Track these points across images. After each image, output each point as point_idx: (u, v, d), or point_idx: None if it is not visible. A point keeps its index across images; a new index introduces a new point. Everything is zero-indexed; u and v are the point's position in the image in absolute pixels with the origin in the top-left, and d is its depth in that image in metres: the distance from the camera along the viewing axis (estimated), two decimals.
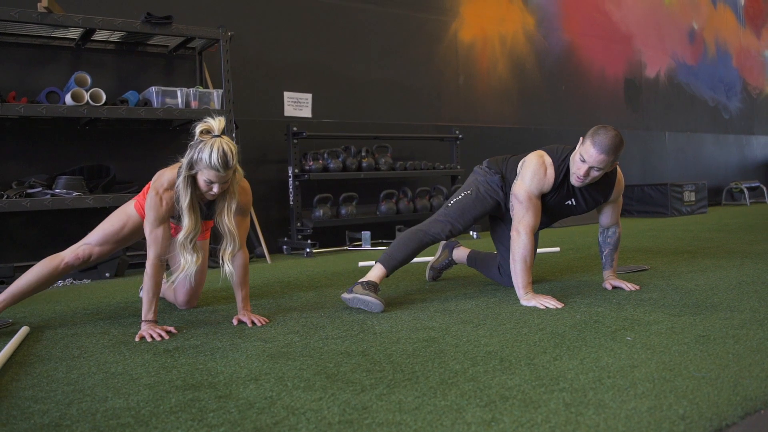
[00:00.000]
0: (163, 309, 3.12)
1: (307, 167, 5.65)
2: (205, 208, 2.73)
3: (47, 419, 1.66)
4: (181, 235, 2.59)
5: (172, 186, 2.61)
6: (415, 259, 4.62)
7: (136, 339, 2.51)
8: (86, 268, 4.36)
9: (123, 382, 1.95)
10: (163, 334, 2.53)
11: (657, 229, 6.62)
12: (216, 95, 4.86)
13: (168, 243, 2.68)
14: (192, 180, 2.55)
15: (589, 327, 2.40)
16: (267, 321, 2.72)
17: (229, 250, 2.67)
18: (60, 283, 4.24)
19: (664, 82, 9.92)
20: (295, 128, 5.62)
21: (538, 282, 3.51)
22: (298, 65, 6.01)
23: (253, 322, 2.69)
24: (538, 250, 4.88)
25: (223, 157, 2.46)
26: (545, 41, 8.20)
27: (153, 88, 4.63)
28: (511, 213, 3.01)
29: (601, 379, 1.78)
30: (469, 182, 3.28)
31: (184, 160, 2.54)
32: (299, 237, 5.65)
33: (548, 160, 3.04)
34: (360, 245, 5.91)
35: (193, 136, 2.52)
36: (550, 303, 2.81)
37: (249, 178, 5.55)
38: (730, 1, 11.22)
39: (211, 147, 2.46)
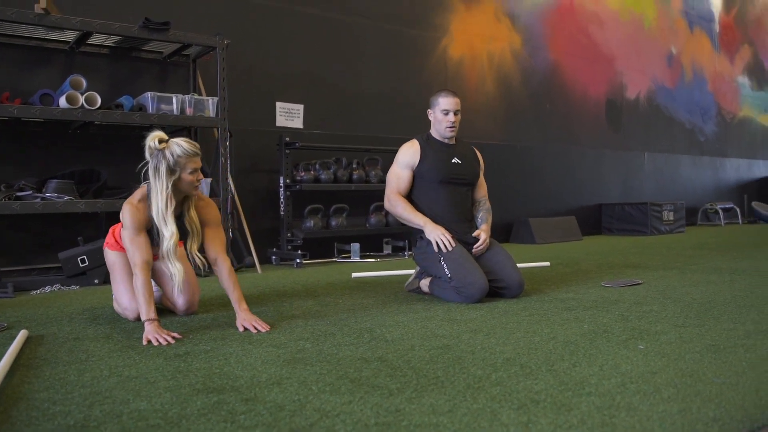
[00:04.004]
0: (164, 316, 3.09)
1: (299, 178, 5.64)
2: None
3: (71, 420, 1.63)
4: (164, 245, 2.70)
5: (144, 199, 2.76)
6: (397, 271, 4.67)
7: (144, 343, 2.48)
8: (74, 274, 4.30)
9: (140, 385, 1.92)
10: (170, 339, 2.51)
11: (639, 246, 6.72)
12: (211, 103, 4.84)
13: (150, 249, 2.74)
14: (174, 187, 2.71)
15: (599, 336, 2.43)
16: (268, 328, 2.70)
17: (195, 245, 2.86)
18: (48, 288, 4.16)
19: (644, 104, 10.11)
20: (287, 138, 5.62)
21: (536, 294, 3.54)
22: (290, 76, 6.02)
23: (256, 328, 2.69)
24: (529, 264, 4.93)
25: (191, 143, 2.72)
26: (531, 60, 8.33)
27: (149, 94, 4.59)
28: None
29: (624, 384, 1.80)
30: (428, 262, 3.51)
31: (161, 171, 2.66)
32: (289, 247, 5.62)
33: (412, 139, 3.68)
34: (348, 257, 5.90)
35: (151, 153, 2.67)
36: (446, 243, 3.35)
37: (240, 187, 5.54)
38: (706, 27, 11.52)
39: (176, 144, 2.68)
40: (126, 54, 5.03)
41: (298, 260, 5.38)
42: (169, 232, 2.68)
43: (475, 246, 3.49)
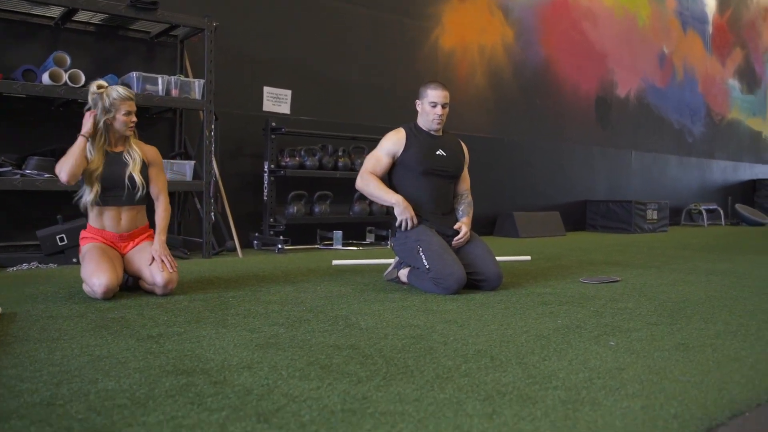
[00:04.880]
0: (141, 296, 3.09)
1: (283, 163, 5.64)
2: (118, 168, 3.19)
3: (37, 398, 1.63)
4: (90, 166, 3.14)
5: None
6: (378, 260, 4.69)
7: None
8: (52, 252, 4.28)
9: (110, 365, 1.93)
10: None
11: (622, 244, 6.78)
12: (197, 85, 4.82)
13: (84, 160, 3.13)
14: (105, 127, 3.15)
15: (572, 331, 2.46)
16: (174, 269, 3.11)
17: (137, 168, 3.21)
18: (25, 266, 4.15)
19: (634, 102, 10.16)
20: (273, 123, 5.61)
21: (514, 288, 3.57)
22: (279, 61, 6.00)
23: (162, 262, 3.09)
24: (509, 258, 4.96)
25: (126, 89, 3.17)
26: (523, 54, 8.34)
27: (134, 74, 4.57)
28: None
29: (591, 380, 1.83)
30: (406, 253, 3.52)
31: (97, 113, 3.13)
32: (271, 233, 5.62)
33: (399, 128, 3.67)
34: (331, 244, 5.91)
35: (92, 97, 3.14)
36: (409, 225, 3.43)
37: (224, 171, 5.52)
38: (699, 29, 11.57)
39: (113, 89, 3.14)
40: (112, 32, 5.00)
41: (279, 246, 5.39)
42: (95, 157, 3.14)
43: (455, 239, 3.51)
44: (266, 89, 5.89)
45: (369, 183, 3.55)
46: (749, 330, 2.54)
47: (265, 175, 5.66)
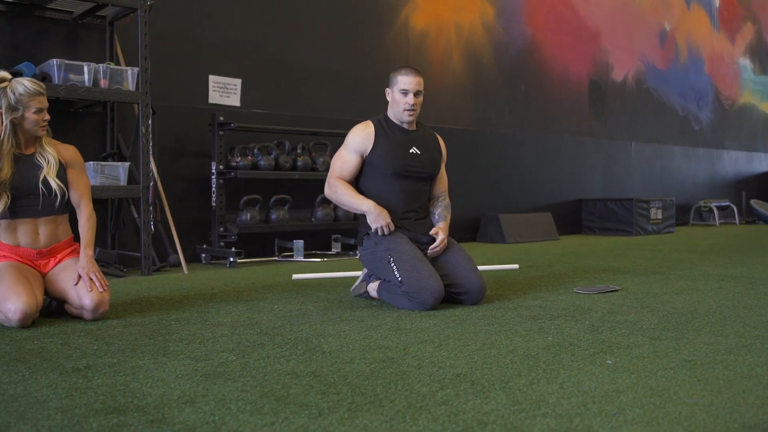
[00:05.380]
0: (67, 322, 3.04)
1: (234, 164, 5.61)
2: (30, 173, 3.13)
3: None
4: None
5: None
6: (345, 273, 4.68)
7: None
8: None
9: (27, 405, 1.89)
10: None
11: (622, 248, 6.85)
12: (130, 74, 4.77)
13: None
14: (13, 127, 3.07)
15: (564, 349, 2.47)
16: (105, 288, 3.08)
17: (53, 172, 3.15)
18: None
19: (632, 87, 10.30)
20: (221, 118, 5.58)
21: (500, 301, 3.58)
22: (226, 45, 5.97)
23: (91, 279, 3.05)
24: (495, 267, 4.98)
25: (35, 82, 3.09)
26: (505, 34, 8.41)
27: (54, 61, 4.51)
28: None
29: (585, 405, 1.84)
30: (375, 263, 3.53)
31: (2, 112, 3.05)
32: (221, 244, 5.59)
33: (367, 121, 3.67)
34: (291, 256, 5.88)
35: None
36: (386, 231, 3.43)
37: (164, 173, 5.48)
38: (704, 2, 11.77)
39: (18, 83, 3.06)
40: (27, 12, 4.93)
41: (231, 259, 5.35)
42: (4, 167, 3.05)
43: (431, 247, 3.51)
44: (212, 78, 5.85)
45: (336, 189, 3.55)
46: (765, 344, 2.57)
47: (213, 177, 5.62)
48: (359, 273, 4.09)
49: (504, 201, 8.28)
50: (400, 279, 3.33)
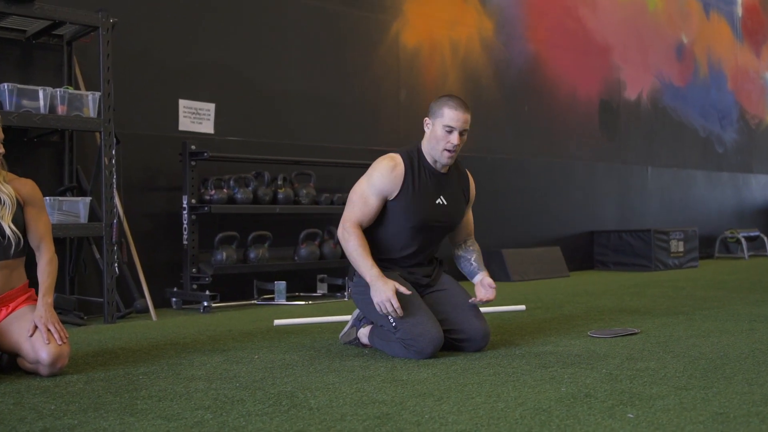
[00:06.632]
0: (19, 379, 3.02)
1: (208, 197, 5.61)
2: None
3: None
4: None
5: None
6: (333, 318, 4.67)
7: None
8: None
9: None
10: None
11: (640, 285, 6.86)
12: (91, 99, 4.79)
13: None
14: None
15: (579, 402, 2.47)
16: (65, 341, 3.05)
17: (8, 217, 3.12)
18: None
19: (647, 106, 10.39)
20: (193, 147, 5.59)
21: (506, 347, 3.58)
22: (198, 67, 6.01)
23: (49, 331, 3.01)
24: (499, 309, 4.98)
25: None
26: (506, 51, 8.49)
27: (5, 86, 4.54)
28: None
29: None
30: (368, 306, 3.47)
31: None
32: (194, 287, 5.57)
33: (397, 157, 3.52)
34: (272, 299, 5.87)
35: None
36: (390, 311, 3.23)
37: (130, 209, 5.48)
38: (725, 12, 11.92)
39: None
40: None
41: (205, 303, 5.33)
42: None
43: (483, 293, 3.53)
44: (182, 103, 5.88)
45: (348, 241, 3.41)
46: None
47: (185, 212, 5.62)
48: (348, 317, 4.08)
49: (507, 235, 8.29)
50: (394, 325, 3.32)
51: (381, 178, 3.46)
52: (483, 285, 3.59)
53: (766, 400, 2.47)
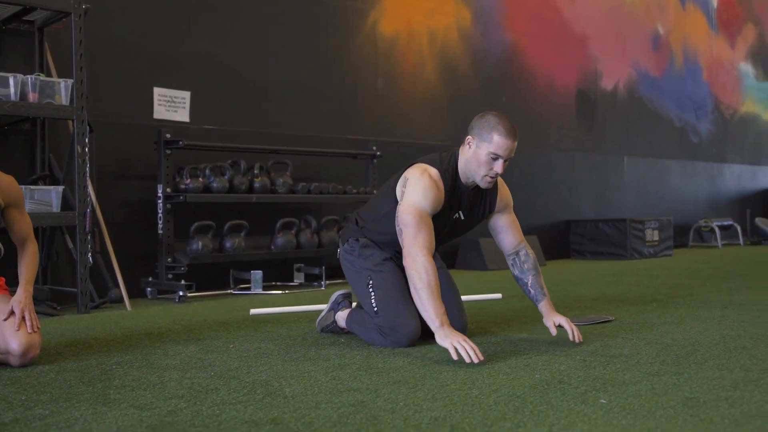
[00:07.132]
0: None
1: (183, 186, 5.59)
2: None
3: None
4: None
5: None
6: (309, 307, 4.67)
7: None
8: None
9: None
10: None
11: (616, 273, 6.91)
12: (63, 86, 4.75)
13: None
14: None
15: (552, 388, 2.49)
16: (37, 330, 3.00)
17: None
18: None
19: (624, 96, 10.45)
20: (168, 135, 5.56)
21: (482, 335, 3.59)
22: (173, 55, 5.97)
23: (23, 319, 2.98)
24: (476, 297, 5.00)
25: None
26: (483, 40, 8.50)
27: None
28: (400, 240, 3.20)
29: None
30: (353, 275, 3.48)
31: None
32: (169, 276, 5.55)
33: (434, 173, 3.28)
34: (248, 288, 5.86)
35: None
36: (470, 352, 2.85)
37: (104, 198, 5.44)
38: (701, 2, 11.99)
39: None
40: None
41: (180, 293, 5.32)
42: None
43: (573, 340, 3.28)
44: (157, 91, 5.84)
45: (422, 274, 3.05)
46: None
47: (160, 202, 5.59)
48: (324, 306, 4.08)
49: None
50: (375, 309, 3.32)
51: (429, 194, 3.22)
52: (560, 327, 3.30)
53: (735, 385, 2.50)
